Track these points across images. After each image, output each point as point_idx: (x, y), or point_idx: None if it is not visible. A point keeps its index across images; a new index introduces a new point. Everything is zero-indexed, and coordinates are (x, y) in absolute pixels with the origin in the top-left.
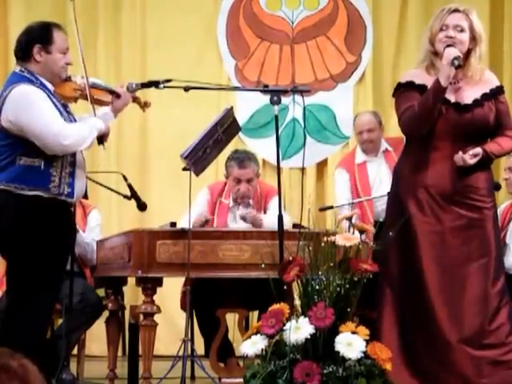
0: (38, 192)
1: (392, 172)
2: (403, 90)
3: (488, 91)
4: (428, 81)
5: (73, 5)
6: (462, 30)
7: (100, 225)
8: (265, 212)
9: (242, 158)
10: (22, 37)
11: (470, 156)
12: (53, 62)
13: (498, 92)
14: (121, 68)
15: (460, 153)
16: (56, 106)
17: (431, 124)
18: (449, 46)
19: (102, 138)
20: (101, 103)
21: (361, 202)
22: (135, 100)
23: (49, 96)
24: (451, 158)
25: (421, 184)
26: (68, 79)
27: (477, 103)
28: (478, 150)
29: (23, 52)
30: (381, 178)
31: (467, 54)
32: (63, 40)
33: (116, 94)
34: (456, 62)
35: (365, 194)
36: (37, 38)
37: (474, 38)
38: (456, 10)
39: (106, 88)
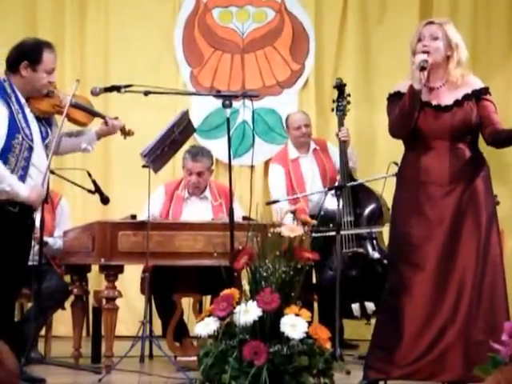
0: None
1: (321, 170)
2: (391, 99)
3: (470, 92)
4: None
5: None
6: (436, 39)
7: (68, 215)
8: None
9: (196, 153)
10: (13, 50)
11: None
12: (36, 80)
13: (481, 92)
14: (86, 73)
15: None
16: (15, 120)
17: (411, 125)
18: (423, 53)
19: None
20: (76, 123)
21: (297, 197)
22: (122, 130)
23: (12, 112)
24: (444, 155)
25: (418, 180)
26: (50, 94)
27: (457, 104)
28: None
29: (11, 65)
30: (313, 174)
31: (446, 61)
32: (51, 61)
33: (103, 119)
34: (422, 64)
35: (300, 188)
36: (26, 55)
37: (450, 46)
38: (430, 22)
39: (90, 110)
